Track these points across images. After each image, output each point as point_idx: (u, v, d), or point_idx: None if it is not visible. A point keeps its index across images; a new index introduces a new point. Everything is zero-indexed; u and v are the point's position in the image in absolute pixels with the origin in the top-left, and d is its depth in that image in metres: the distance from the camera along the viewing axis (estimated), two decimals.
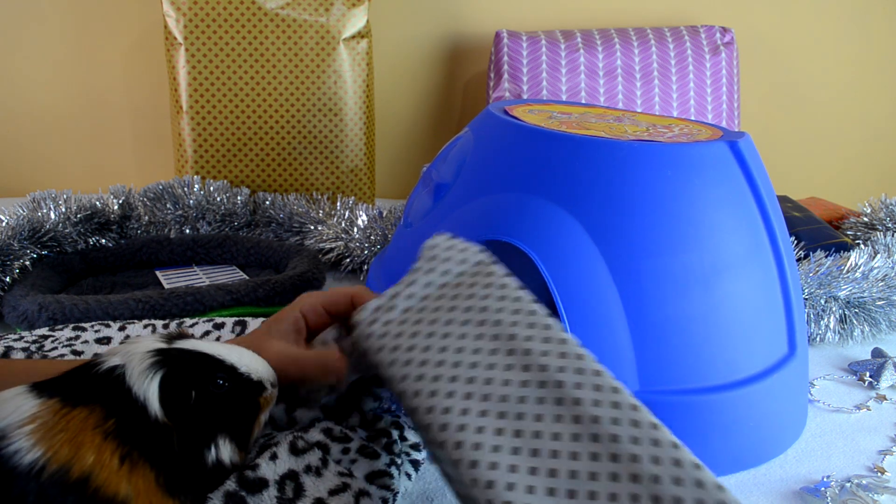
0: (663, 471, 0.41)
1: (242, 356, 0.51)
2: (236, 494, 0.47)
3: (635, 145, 0.65)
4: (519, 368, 0.48)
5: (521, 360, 0.49)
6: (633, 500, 0.40)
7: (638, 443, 0.43)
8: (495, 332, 0.51)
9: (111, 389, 0.45)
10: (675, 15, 1.61)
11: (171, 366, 0.47)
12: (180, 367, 0.47)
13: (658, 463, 0.41)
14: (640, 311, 0.62)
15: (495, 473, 0.42)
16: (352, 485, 0.50)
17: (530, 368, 0.48)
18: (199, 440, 0.47)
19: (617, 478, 0.41)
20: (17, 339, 0.73)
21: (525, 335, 0.50)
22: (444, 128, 1.65)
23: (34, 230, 0.99)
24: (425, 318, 0.54)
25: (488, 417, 0.46)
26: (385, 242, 1.09)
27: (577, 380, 0.46)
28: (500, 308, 0.52)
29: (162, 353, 0.47)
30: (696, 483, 0.40)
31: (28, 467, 0.40)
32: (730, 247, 0.64)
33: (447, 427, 0.45)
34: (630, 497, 0.40)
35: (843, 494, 0.61)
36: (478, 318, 0.52)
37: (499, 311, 0.52)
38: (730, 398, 0.62)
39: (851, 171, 1.73)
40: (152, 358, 0.47)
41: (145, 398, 0.45)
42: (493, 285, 0.54)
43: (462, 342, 0.51)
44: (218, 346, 0.51)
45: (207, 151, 1.32)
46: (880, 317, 0.90)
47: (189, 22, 1.28)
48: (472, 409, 0.46)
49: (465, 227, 0.70)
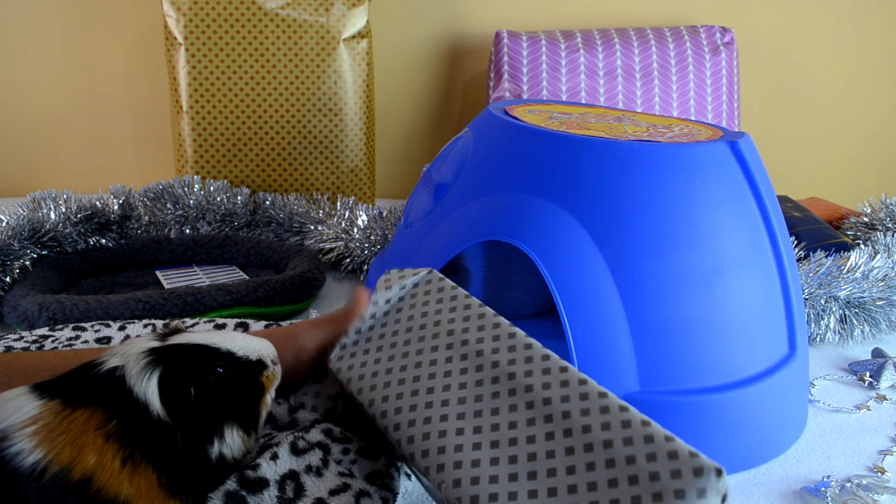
0: (636, 450, 0.41)
1: (237, 339, 0.51)
2: (237, 494, 0.47)
3: (635, 145, 0.65)
4: (473, 370, 0.50)
5: (475, 361, 0.50)
6: (612, 486, 0.40)
7: (590, 415, 0.44)
8: (449, 342, 0.53)
9: (112, 391, 0.45)
10: (675, 15, 1.61)
11: (167, 364, 0.47)
12: (176, 364, 0.47)
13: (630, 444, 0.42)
14: (641, 311, 0.62)
15: (477, 488, 0.43)
16: (352, 485, 0.50)
17: (482, 368, 0.50)
18: (202, 436, 0.47)
19: (592, 466, 0.42)
20: (17, 338, 0.73)
21: (476, 338, 0.52)
22: (444, 128, 1.65)
23: (34, 230, 0.99)
24: (386, 342, 0.55)
25: (450, 421, 0.47)
26: (385, 242, 1.09)
27: (527, 368, 0.48)
28: (451, 318, 0.54)
29: (156, 353, 0.47)
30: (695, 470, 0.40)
31: (30, 469, 0.40)
32: (730, 247, 0.64)
33: (428, 453, 0.47)
34: (609, 482, 0.40)
35: (843, 494, 0.61)
36: (432, 331, 0.54)
37: (451, 321, 0.54)
38: (730, 398, 0.62)
39: (851, 171, 1.73)
40: (147, 358, 0.47)
41: (146, 399, 0.45)
42: (445, 297, 0.56)
43: (419, 357, 0.53)
44: (211, 335, 0.51)
45: (207, 151, 1.32)
46: (880, 317, 0.90)
47: (189, 22, 1.28)
48: (433, 418, 0.48)
49: (465, 227, 0.70)
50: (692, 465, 0.39)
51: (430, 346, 0.53)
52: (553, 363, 0.48)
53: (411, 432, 0.48)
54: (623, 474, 0.40)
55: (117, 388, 0.45)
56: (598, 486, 0.40)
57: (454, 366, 0.51)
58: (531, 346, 0.49)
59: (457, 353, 0.51)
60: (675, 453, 0.40)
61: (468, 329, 0.53)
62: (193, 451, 0.46)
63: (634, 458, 0.40)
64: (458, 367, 0.51)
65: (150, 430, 0.45)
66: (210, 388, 0.48)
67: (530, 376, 0.48)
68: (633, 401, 0.61)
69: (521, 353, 0.49)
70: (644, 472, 0.40)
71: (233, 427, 0.49)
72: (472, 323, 0.53)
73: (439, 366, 0.51)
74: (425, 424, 0.48)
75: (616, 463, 0.41)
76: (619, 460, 0.41)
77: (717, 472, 0.38)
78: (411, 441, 0.48)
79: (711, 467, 0.38)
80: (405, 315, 0.56)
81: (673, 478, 0.39)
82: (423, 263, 0.71)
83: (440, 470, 0.45)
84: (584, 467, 0.42)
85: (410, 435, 0.48)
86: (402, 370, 0.52)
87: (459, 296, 0.55)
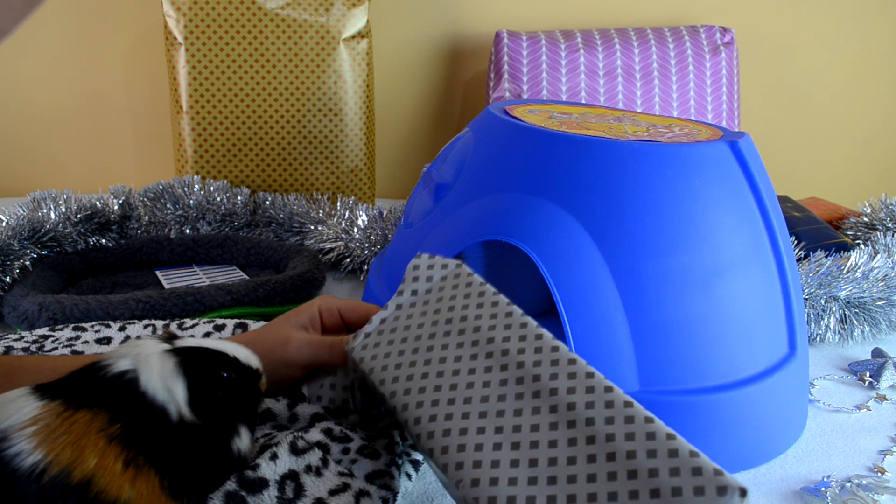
0: (659, 463, 0.40)
1: (237, 349, 0.52)
2: (236, 494, 0.47)
3: (635, 145, 0.65)
4: (498, 368, 0.49)
5: (499, 360, 0.50)
6: (633, 497, 0.40)
7: (614, 424, 0.43)
8: (475, 339, 0.52)
9: (120, 394, 0.45)
10: (675, 15, 1.60)
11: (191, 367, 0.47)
12: (201, 366, 0.48)
13: (654, 455, 0.41)
14: (641, 311, 0.62)
15: (496, 489, 0.43)
16: (352, 485, 0.50)
17: (507, 367, 0.49)
18: (225, 433, 0.48)
19: (613, 476, 0.41)
20: (17, 338, 0.73)
21: (503, 336, 0.51)
22: (444, 128, 1.65)
23: (34, 230, 0.99)
24: (411, 335, 0.55)
25: (471, 419, 0.47)
26: (385, 242, 1.09)
27: (552, 371, 0.47)
28: (478, 315, 0.53)
29: (178, 353, 0.48)
30: (693, 470, 0.39)
31: (29, 470, 0.40)
32: (730, 247, 0.64)
33: (447, 450, 0.46)
34: (630, 494, 0.40)
35: (844, 494, 0.61)
36: (458, 327, 0.53)
37: (477, 317, 0.53)
38: (730, 398, 0.62)
39: (851, 171, 1.73)
40: (172, 359, 0.47)
41: (169, 401, 0.45)
42: (472, 293, 0.55)
43: (444, 352, 0.52)
44: (213, 342, 0.51)
45: (207, 151, 1.32)
46: (880, 317, 0.90)
47: (189, 22, 1.28)
48: (455, 415, 0.47)
49: (465, 227, 0.70)
50: (716, 483, 0.38)
51: (456, 341, 0.52)
52: (580, 368, 0.47)
53: (431, 427, 0.47)
54: (644, 487, 0.39)
55: (127, 391, 0.45)
56: (619, 496, 0.40)
57: (478, 363, 0.50)
58: (558, 348, 0.48)
59: (482, 350, 0.51)
60: (700, 469, 0.39)
61: (494, 326, 0.52)
62: (218, 448, 0.47)
63: (657, 471, 0.40)
64: (482, 364, 0.50)
65: (162, 433, 0.45)
66: (229, 388, 0.49)
67: (555, 379, 0.47)
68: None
69: (548, 356, 0.48)
70: (667, 487, 0.39)
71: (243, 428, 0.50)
72: (498, 321, 0.52)
73: (463, 362, 0.50)
74: (446, 421, 0.47)
75: (638, 474, 0.40)
76: (641, 472, 0.40)
77: (742, 493, 0.38)
78: (431, 436, 0.47)
79: (735, 487, 0.38)
80: (431, 308, 0.56)
81: (696, 495, 0.38)
82: None
83: (459, 468, 0.44)
84: (605, 476, 0.41)
85: (431, 430, 0.47)
86: (425, 364, 0.52)
87: (487, 292, 0.54)
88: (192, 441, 0.46)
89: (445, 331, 0.53)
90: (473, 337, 0.52)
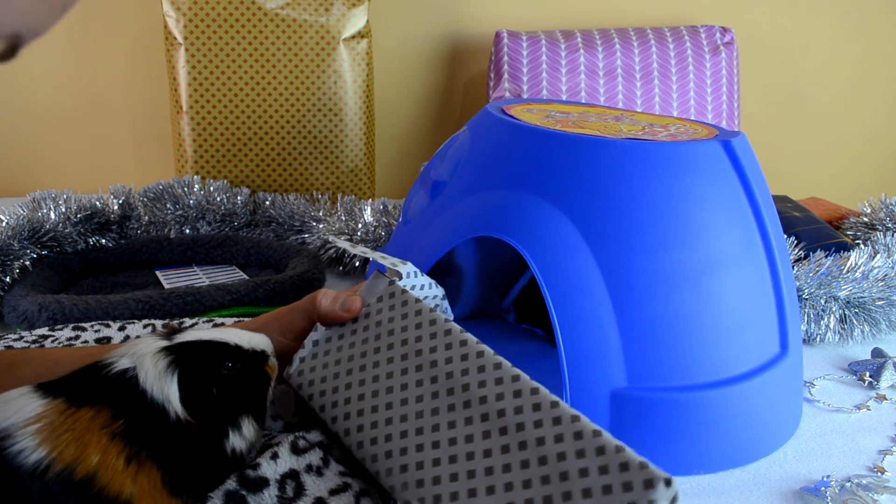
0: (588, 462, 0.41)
1: (239, 334, 0.52)
2: (237, 493, 0.47)
3: (627, 143, 0.65)
4: (428, 381, 0.50)
5: (445, 384, 0.50)
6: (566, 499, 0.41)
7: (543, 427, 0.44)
8: (418, 363, 0.52)
9: (122, 392, 0.45)
10: (675, 15, 1.61)
11: (184, 364, 0.47)
12: (194, 363, 0.48)
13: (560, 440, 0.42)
14: (629, 308, 0.62)
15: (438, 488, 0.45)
16: (352, 484, 0.50)
17: (437, 380, 0.50)
18: (219, 431, 0.48)
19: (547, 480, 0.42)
20: (16, 338, 0.73)
21: (445, 357, 0.51)
22: (444, 128, 1.66)
23: (34, 230, 0.99)
24: (344, 356, 0.55)
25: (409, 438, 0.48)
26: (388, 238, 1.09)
27: (480, 378, 0.48)
28: (418, 336, 0.54)
29: (171, 352, 0.48)
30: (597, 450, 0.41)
31: (32, 467, 0.40)
32: (721, 245, 0.64)
33: (391, 472, 0.47)
34: (563, 496, 0.41)
35: (843, 494, 0.61)
36: (400, 351, 0.53)
37: (417, 339, 0.54)
38: (718, 396, 0.62)
39: (851, 171, 1.73)
40: (164, 359, 0.47)
41: (165, 400, 0.45)
42: (409, 312, 0.55)
43: (379, 371, 0.53)
44: (214, 332, 0.51)
45: (207, 151, 1.32)
46: (880, 317, 0.90)
47: (189, 22, 1.28)
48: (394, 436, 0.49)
49: (458, 223, 0.71)
50: (642, 476, 0.39)
51: (387, 358, 0.53)
52: (523, 382, 0.47)
53: (374, 451, 0.49)
54: (577, 488, 0.41)
55: (128, 389, 0.45)
56: (554, 500, 0.41)
57: (409, 378, 0.51)
58: (501, 365, 0.49)
59: (426, 374, 0.51)
60: (626, 465, 0.40)
61: (435, 348, 0.52)
62: (212, 448, 0.47)
63: (587, 470, 0.41)
64: (413, 378, 0.51)
65: (162, 430, 0.45)
66: (226, 383, 0.49)
67: (484, 387, 0.48)
68: (621, 397, 0.61)
69: (491, 374, 0.49)
70: (598, 486, 0.40)
71: (246, 418, 0.50)
72: (438, 341, 0.52)
73: (396, 379, 0.51)
74: (386, 442, 0.49)
75: (570, 475, 0.41)
76: (572, 473, 0.41)
77: (667, 482, 0.39)
78: (375, 459, 0.48)
79: (660, 477, 0.39)
80: (366, 328, 0.56)
81: (625, 490, 0.40)
82: (419, 259, 0.71)
83: (404, 488, 0.46)
84: (538, 481, 0.42)
85: (374, 453, 0.49)
86: (360, 385, 0.52)
87: (424, 310, 0.55)
88: (189, 439, 0.46)
89: (384, 353, 0.54)
90: (417, 361, 0.52)
